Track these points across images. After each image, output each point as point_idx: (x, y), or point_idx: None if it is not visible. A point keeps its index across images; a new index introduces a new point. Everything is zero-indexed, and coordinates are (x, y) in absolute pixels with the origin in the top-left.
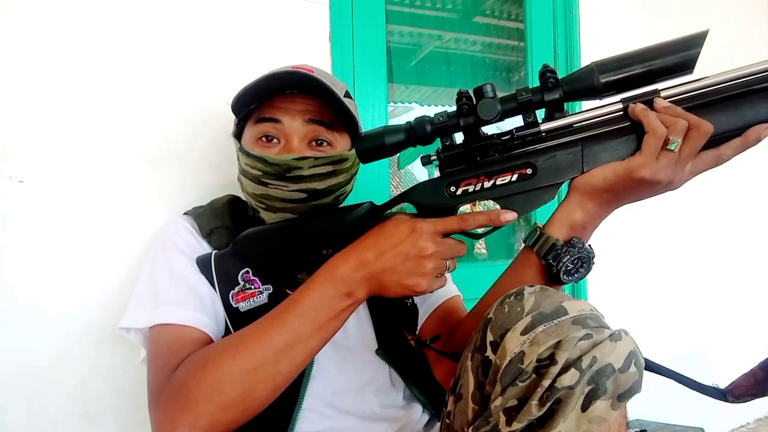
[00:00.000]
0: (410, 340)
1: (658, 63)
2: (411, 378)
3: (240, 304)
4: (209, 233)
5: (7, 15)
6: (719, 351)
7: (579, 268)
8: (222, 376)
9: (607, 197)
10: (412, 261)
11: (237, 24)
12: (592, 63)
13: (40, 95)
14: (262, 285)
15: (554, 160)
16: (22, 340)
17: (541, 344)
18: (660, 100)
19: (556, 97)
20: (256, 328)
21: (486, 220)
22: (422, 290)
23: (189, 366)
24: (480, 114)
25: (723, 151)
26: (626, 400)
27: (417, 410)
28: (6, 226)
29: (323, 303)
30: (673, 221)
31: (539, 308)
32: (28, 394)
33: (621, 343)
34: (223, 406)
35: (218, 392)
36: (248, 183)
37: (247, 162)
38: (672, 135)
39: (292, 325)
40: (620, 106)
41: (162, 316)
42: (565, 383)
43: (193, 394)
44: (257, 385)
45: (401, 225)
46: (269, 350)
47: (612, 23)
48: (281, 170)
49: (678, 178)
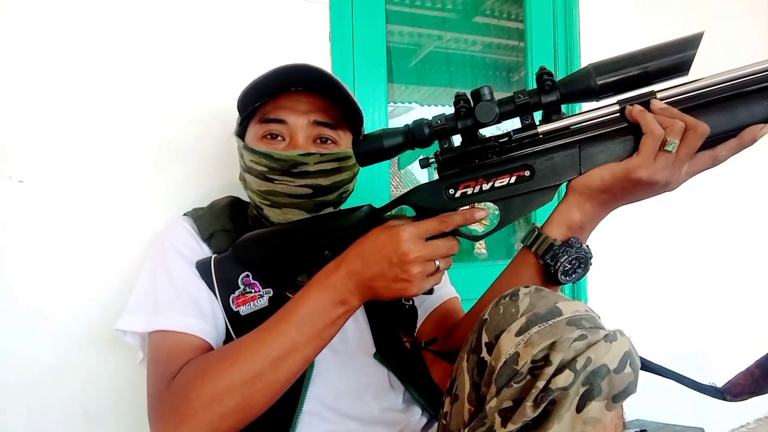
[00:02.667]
0: (406, 342)
1: (654, 65)
2: (410, 381)
3: (240, 308)
4: (209, 237)
5: (8, 14)
6: (718, 350)
7: (576, 269)
8: (221, 387)
9: (605, 198)
10: (396, 267)
11: (237, 24)
12: (588, 65)
13: (40, 95)
14: (263, 288)
15: (552, 161)
16: (22, 341)
17: (535, 345)
18: (657, 101)
19: (553, 99)
20: (254, 337)
21: (462, 219)
22: (412, 293)
23: (188, 375)
24: (478, 117)
25: (719, 152)
26: (621, 401)
27: (416, 413)
28: (6, 227)
29: (319, 311)
30: (671, 220)
31: (534, 309)
32: (29, 395)
33: (616, 343)
34: (222, 416)
35: (217, 402)
36: (253, 180)
37: (252, 159)
38: (669, 136)
39: (289, 334)
40: (617, 108)
41: (161, 322)
42: (560, 384)
43: (193, 404)
44: (255, 394)
45: (384, 232)
46: (267, 359)
47: (612, 23)
48: (287, 166)
49: (675, 179)
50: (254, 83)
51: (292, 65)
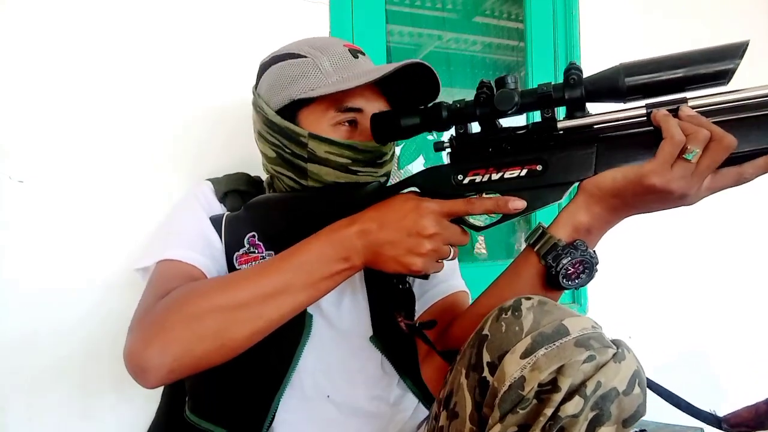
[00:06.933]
0: (401, 322)
1: (690, 71)
2: (405, 369)
3: (242, 266)
4: (224, 195)
5: (8, 12)
6: (718, 352)
7: (580, 274)
8: (204, 306)
9: (615, 202)
10: (413, 238)
11: (237, 24)
12: (619, 64)
13: (40, 95)
14: (266, 250)
15: (566, 158)
16: (23, 341)
17: (542, 369)
18: (686, 107)
19: (576, 95)
20: (251, 269)
21: (493, 205)
22: (417, 270)
23: (177, 293)
24: (496, 104)
25: (746, 170)
26: (631, 425)
27: (409, 404)
28: (6, 227)
29: (320, 261)
30: (670, 221)
31: (539, 328)
32: (28, 394)
33: (625, 362)
34: (198, 336)
35: (197, 320)
36: (328, 171)
37: (329, 150)
38: (691, 144)
39: (284, 275)
40: (644, 111)
41: (169, 253)
42: (569, 412)
43: (172, 318)
44: (237, 324)
45: (407, 201)
46: (257, 292)
47: (612, 23)
48: (373, 157)
49: (693, 192)
50: (341, 77)
51: (412, 63)
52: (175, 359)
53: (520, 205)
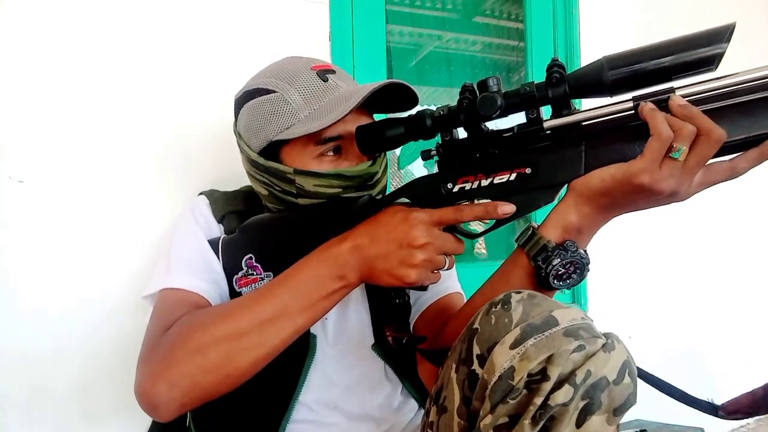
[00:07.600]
0: (389, 337)
1: (675, 59)
2: (406, 375)
3: (242, 289)
4: (221, 218)
5: (8, 14)
6: (713, 349)
7: (572, 274)
8: (206, 339)
9: (605, 202)
10: (404, 250)
11: (237, 24)
12: (602, 57)
13: (39, 95)
14: (264, 272)
15: (554, 159)
16: (23, 341)
17: (531, 359)
18: (677, 97)
19: (560, 93)
20: (248, 297)
21: (483, 211)
22: (412, 281)
23: (180, 327)
24: (479, 109)
25: (737, 164)
26: (622, 414)
27: (411, 409)
28: (6, 227)
29: (315, 281)
30: (669, 220)
31: (528, 319)
32: (29, 394)
33: (614, 352)
34: (204, 369)
35: (201, 354)
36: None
37: (318, 183)
38: (677, 142)
39: (282, 298)
40: (631, 105)
41: (170, 281)
42: (559, 400)
43: (178, 353)
44: (239, 353)
45: (397, 213)
46: (256, 319)
47: (612, 23)
48: (363, 181)
49: (684, 190)
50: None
51: (389, 83)
52: (183, 394)
53: (509, 210)
